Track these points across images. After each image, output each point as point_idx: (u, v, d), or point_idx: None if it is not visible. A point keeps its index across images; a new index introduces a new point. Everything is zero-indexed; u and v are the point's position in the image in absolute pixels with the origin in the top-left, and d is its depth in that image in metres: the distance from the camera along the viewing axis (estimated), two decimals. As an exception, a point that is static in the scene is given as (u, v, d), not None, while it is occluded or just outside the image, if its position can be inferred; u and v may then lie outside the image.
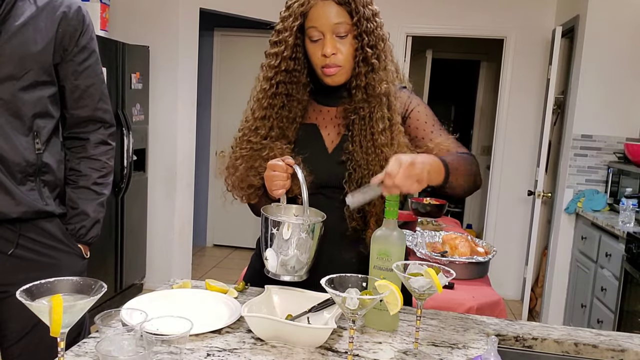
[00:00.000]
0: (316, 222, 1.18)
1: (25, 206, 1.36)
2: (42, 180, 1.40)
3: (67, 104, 1.45)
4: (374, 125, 1.25)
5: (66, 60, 1.39)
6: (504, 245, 4.30)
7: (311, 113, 1.36)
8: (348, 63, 1.25)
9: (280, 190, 1.21)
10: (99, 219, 1.52)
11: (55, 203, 1.44)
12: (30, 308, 0.83)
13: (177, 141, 4.01)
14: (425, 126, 1.31)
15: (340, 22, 1.22)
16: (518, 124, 4.41)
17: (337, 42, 1.23)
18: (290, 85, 1.29)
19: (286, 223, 1.16)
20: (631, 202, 2.90)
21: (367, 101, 1.26)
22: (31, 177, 1.38)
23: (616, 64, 3.51)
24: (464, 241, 2.39)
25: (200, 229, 5.40)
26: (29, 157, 1.36)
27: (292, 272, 1.19)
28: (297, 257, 1.18)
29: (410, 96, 1.35)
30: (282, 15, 1.27)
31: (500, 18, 4.34)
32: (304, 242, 1.17)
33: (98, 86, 1.48)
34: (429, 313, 1.28)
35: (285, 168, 1.20)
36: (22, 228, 1.38)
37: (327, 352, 1.05)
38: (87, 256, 1.53)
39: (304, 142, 1.33)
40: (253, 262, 1.47)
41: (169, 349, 0.88)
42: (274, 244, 1.18)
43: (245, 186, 1.31)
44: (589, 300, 3.23)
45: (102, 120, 1.50)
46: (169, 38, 3.90)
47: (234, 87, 5.29)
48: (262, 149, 1.30)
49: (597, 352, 1.16)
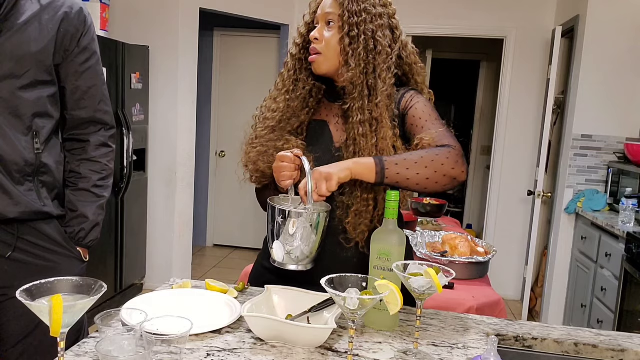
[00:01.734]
0: (321, 212, 1.19)
1: (23, 206, 1.35)
2: (41, 180, 1.40)
3: (68, 105, 1.44)
4: (353, 116, 1.28)
5: (67, 60, 1.39)
6: (504, 245, 4.30)
7: (322, 110, 1.41)
8: (329, 52, 1.31)
9: (288, 181, 1.24)
10: (99, 222, 1.51)
11: (53, 204, 1.43)
12: (30, 308, 0.83)
13: (177, 141, 4.01)
14: (419, 122, 1.32)
15: (330, 12, 1.31)
16: (518, 124, 4.41)
17: (325, 30, 1.32)
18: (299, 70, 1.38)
19: (292, 212, 1.18)
20: (631, 202, 2.90)
21: (352, 93, 1.29)
22: (29, 177, 1.37)
23: (616, 63, 3.51)
24: (464, 241, 2.39)
25: (200, 229, 5.40)
26: (27, 157, 1.35)
27: (297, 261, 1.21)
28: (302, 246, 1.19)
29: (413, 94, 1.36)
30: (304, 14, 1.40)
31: (500, 18, 4.34)
32: (309, 232, 1.18)
33: (99, 87, 1.47)
34: (429, 313, 1.28)
35: (293, 159, 1.23)
36: (20, 230, 1.37)
37: (327, 352, 1.05)
38: (87, 259, 1.52)
39: (314, 138, 1.38)
40: (260, 260, 1.48)
41: (169, 349, 0.88)
42: (279, 234, 1.19)
43: (255, 169, 1.36)
44: (589, 300, 3.23)
45: (102, 122, 1.49)
46: (169, 38, 3.90)
47: (234, 87, 5.29)
48: (277, 138, 1.34)
49: (597, 352, 1.16)
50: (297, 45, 1.39)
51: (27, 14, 1.31)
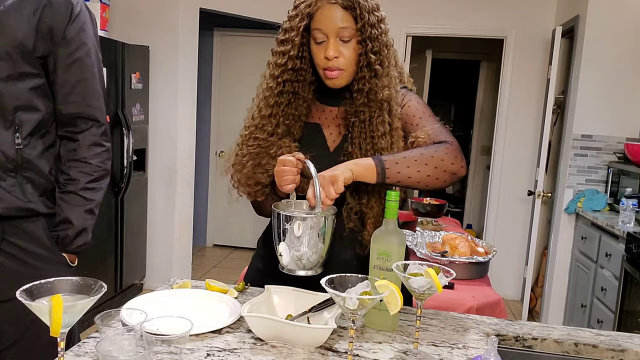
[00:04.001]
0: (328, 215, 1.18)
1: (6, 202, 1.30)
2: (24, 176, 1.34)
3: (57, 99, 1.37)
4: (374, 129, 1.26)
5: (54, 52, 1.33)
6: (504, 245, 4.30)
7: (314, 112, 1.37)
8: (350, 67, 1.26)
9: (290, 185, 1.21)
10: (86, 227, 1.43)
11: (40, 200, 1.37)
12: (30, 308, 0.83)
13: (177, 141, 4.01)
14: (413, 120, 1.32)
15: (344, 27, 1.22)
16: (518, 124, 4.41)
17: (340, 45, 1.24)
18: (297, 84, 1.30)
19: (298, 217, 1.16)
20: (631, 202, 2.90)
21: (368, 105, 1.26)
22: (12, 172, 1.32)
23: (616, 63, 3.51)
24: (464, 241, 2.39)
25: (200, 229, 5.40)
26: (8, 152, 1.30)
27: (307, 266, 1.19)
28: (310, 251, 1.17)
29: (405, 93, 1.36)
30: (290, 14, 1.28)
31: (500, 18, 4.34)
32: (317, 237, 1.17)
33: (90, 82, 1.39)
34: (429, 313, 1.28)
35: (295, 163, 1.21)
36: (6, 231, 1.33)
37: (327, 352, 1.04)
38: (74, 264, 1.45)
39: (307, 141, 1.34)
40: (254, 262, 1.47)
41: (169, 349, 0.88)
42: (287, 240, 1.18)
43: (252, 183, 1.32)
44: (589, 300, 3.23)
45: (92, 117, 1.41)
46: (169, 38, 3.90)
47: (233, 87, 5.29)
48: (269, 146, 1.30)
49: (597, 352, 1.16)
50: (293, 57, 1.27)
51: (5, 3, 1.26)
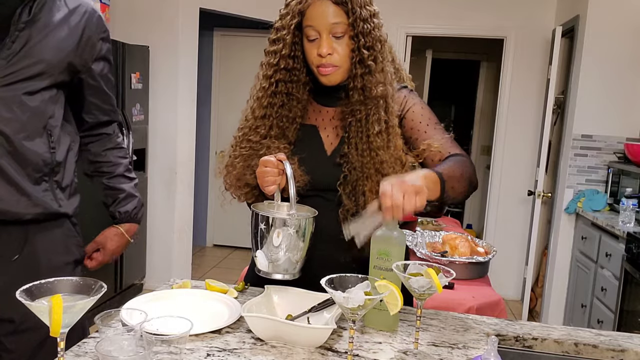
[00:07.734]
0: (305, 218, 1.16)
1: (41, 207, 1.34)
2: (55, 180, 1.39)
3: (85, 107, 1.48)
4: (370, 128, 1.24)
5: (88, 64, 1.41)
6: (504, 245, 4.29)
7: (311, 114, 1.35)
8: (344, 63, 1.24)
9: (272, 186, 1.19)
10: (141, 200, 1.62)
11: (69, 202, 1.43)
12: (30, 308, 0.83)
13: (177, 141, 4.01)
14: (420, 126, 1.30)
15: (337, 22, 1.21)
16: (518, 124, 4.41)
17: (333, 42, 1.22)
18: (290, 84, 1.28)
19: (275, 219, 1.14)
20: (631, 202, 2.90)
21: (364, 103, 1.24)
22: (46, 176, 1.36)
23: (616, 63, 3.51)
24: (464, 241, 2.39)
25: (200, 229, 5.40)
26: (45, 156, 1.35)
27: (284, 270, 1.18)
28: (287, 254, 1.15)
29: (407, 96, 1.34)
30: (281, 13, 1.27)
31: (500, 18, 4.34)
32: (294, 239, 1.15)
33: (112, 89, 1.54)
34: (429, 313, 1.28)
35: (276, 164, 1.19)
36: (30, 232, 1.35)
37: (327, 352, 1.04)
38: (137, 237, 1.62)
39: (304, 144, 1.32)
40: (254, 262, 1.47)
41: (169, 349, 0.88)
42: (264, 242, 1.16)
43: (241, 185, 1.30)
44: (589, 300, 3.23)
45: (116, 120, 1.59)
46: (169, 38, 3.90)
47: (233, 87, 5.29)
48: (260, 148, 1.29)
49: (597, 352, 1.16)
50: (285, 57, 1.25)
51: (56, 16, 1.33)
